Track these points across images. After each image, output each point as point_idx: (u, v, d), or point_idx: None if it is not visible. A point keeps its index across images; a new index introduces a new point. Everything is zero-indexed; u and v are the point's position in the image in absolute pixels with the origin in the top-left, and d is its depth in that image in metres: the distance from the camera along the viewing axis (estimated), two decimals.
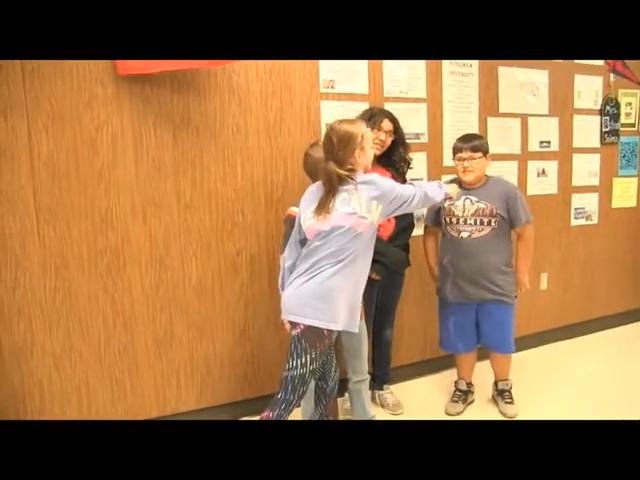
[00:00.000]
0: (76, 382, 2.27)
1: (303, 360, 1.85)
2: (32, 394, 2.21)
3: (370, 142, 1.98)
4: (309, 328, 1.84)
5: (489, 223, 2.40)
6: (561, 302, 3.57)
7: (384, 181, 1.91)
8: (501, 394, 2.64)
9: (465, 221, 2.42)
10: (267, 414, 1.87)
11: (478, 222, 2.40)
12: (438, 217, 2.54)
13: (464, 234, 2.43)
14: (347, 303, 1.88)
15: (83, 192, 2.19)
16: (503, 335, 2.51)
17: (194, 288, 2.43)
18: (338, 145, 1.86)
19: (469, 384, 2.71)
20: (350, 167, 1.87)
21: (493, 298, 2.43)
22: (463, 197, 2.40)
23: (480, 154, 2.39)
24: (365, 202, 1.84)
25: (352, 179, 1.85)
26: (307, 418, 2.28)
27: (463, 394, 2.68)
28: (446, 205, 2.45)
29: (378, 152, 2.37)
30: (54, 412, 2.24)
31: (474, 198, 2.41)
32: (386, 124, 2.39)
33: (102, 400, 2.32)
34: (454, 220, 2.45)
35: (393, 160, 2.46)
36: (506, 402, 2.61)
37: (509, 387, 2.64)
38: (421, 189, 1.97)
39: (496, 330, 2.49)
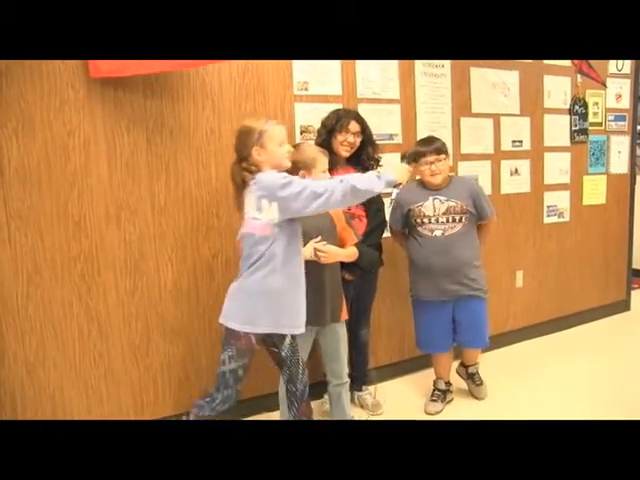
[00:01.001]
0: (50, 391, 2.23)
1: (222, 357, 1.89)
2: (3, 404, 2.16)
3: (275, 140, 1.84)
4: (226, 329, 1.88)
5: (460, 220, 2.48)
6: (537, 299, 3.63)
7: (271, 178, 1.77)
8: (471, 377, 2.78)
9: (437, 220, 2.48)
10: (195, 411, 1.91)
11: (450, 220, 2.48)
12: (405, 221, 2.56)
13: (437, 232, 2.48)
14: (271, 305, 1.83)
15: (55, 198, 2.16)
16: (479, 329, 2.60)
17: (170, 293, 2.41)
18: (237, 141, 1.86)
19: (447, 383, 2.73)
20: (250, 165, 1.80)
21: (469, 293, 2.50)
22: (431, 198, 2.47)
23: (444, 155, 2.47)
24: (254, 202, 1.79)
25: (247, 180, 1.80)
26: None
27: (442, 393, 2.71)
28: (414, 207, 2.49)
29: (347, 154, 2.42)
30: None
31: (443, 197, 2.48)
32: (353, 126, 2.39)
33: (77, 408, 2.28)
34: (425, 220, 2.50)
35: (362, 159, 2.47)
36: (477, 384, 2.77)
37: (477, 369, 2.79)
38: (346, 182, 1.75)
39: (473, 325, 2.57)
